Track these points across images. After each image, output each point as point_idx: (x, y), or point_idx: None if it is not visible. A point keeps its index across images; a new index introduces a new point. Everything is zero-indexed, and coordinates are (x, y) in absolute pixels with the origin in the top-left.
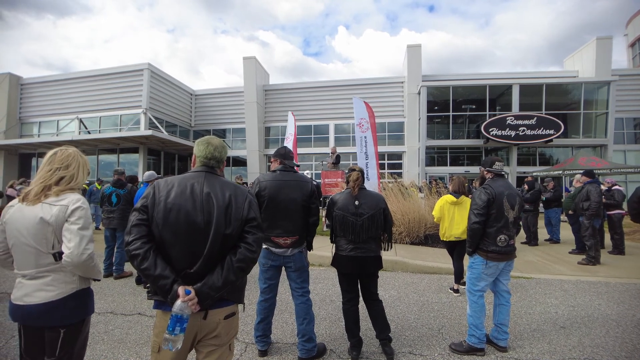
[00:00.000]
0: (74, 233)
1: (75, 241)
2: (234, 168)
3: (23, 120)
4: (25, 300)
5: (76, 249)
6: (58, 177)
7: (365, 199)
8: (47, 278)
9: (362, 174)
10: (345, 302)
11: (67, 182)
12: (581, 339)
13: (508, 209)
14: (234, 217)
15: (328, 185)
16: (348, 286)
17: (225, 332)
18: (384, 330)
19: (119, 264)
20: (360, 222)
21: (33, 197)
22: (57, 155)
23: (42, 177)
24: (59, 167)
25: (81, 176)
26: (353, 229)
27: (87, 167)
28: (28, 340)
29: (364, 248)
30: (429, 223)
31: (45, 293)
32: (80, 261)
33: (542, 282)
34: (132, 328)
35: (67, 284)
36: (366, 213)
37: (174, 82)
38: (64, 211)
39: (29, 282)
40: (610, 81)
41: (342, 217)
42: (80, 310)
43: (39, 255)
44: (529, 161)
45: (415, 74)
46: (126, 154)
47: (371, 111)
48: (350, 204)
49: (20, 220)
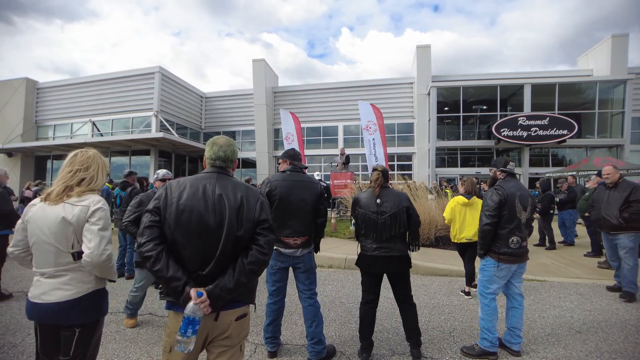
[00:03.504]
0: (95, 233)
1: (96, 241)
2: (243, 170)
3: (39, 124)
4: (43, 298)
5: (96, 249)
6: (79, 179)
7: (388, 197)
8: (65, 277)
9: (384, 173)
10: (364, 302)
11: (88, 183)
12: (598, 345)
13: (520, 210)
14: (245, 219)
15: (337, 187)
16: (370, 287)
17: (236, 333)
18: (415, 335)
19: (130, 264)
20: (382, 221)
21: (55, 196)
22: (77, 156)
23: (63, 178)
24: (80, 169)
25: (101, 178)
26: (375, 228)
27: (107, 169)
28: (44, 339)
29: (388, 247)
30: (439, 225)
31: (62, 292)
32: (99, 261)
33: (556, 285)
34: (143, 328)
35: (84, 284)
36: (388, 211)
37: (184, 85)
38: (85, 212)
39: (47, 280)
40: (627, 80)
41: (364, 215)
42: (95, 311)
43: (58, 254)
44: (542, 162)
45: (425, 75)
46: (138, 156)
47: (379, 113)
48: (372, 203)
49: (43, 219)
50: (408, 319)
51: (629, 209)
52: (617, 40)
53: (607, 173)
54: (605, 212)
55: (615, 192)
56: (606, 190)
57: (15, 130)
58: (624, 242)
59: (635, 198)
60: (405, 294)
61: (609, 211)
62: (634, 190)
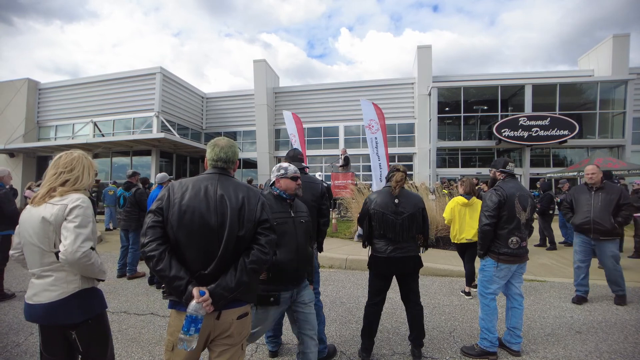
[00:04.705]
0: (70, 230)
1: (71, 238)
2: (244, 170)
3: (41, 124)
4: (34, 299)
5: (70, 247)
6: (63, 180)
7: (405, 198)
8: (50, 278)
9: (406, 174)
10: (371, 304)
11: (72, 183)
12: (598, 345)
13: (520, 211)
14: (246, 219)
15: (338, 188)
16: (379, 288)
17: (238, 332)
18: (419, 337)
19: (132, 264)
20: (400, 221)
21: (39, 199)
22: (61, 159)
23: (47, 181)
24: (63, 171)
25: (86, 178)
26: (393, 228)
27: (93, 169)
28: (45, 338)
29: (404, 248)
30: (440, 225)
31: (49, 293)
32: (74, 259)
33: (556, 285)
34: (145, 327)
35: (69, 284)
36: (406, 212)
37: (185, 85)
38: (63, 210)
39: (37, 281)
40: (628, 80)
41: (381, 215)
42: (83, 310)
43: (42, 254)
44: (543, 162)
45: (426, 75)
46: (139, 156)
47: (380, 112)
48: (390, 203)
49: (28, 220)
50: (414, 320)
51: (622, 213)
52: (618, 40)
53: (591, 173)
54: (595, 217)
55: (603, 194)
56: (589, 192)
57: (17, 131)
58: (611, 249)
59: (625, 202)
60: (414, 294)
61: (600, 216)
62: (622, 193)
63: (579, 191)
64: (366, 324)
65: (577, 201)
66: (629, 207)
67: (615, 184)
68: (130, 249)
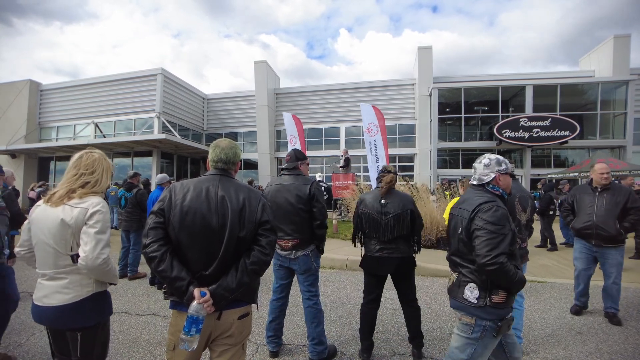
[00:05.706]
0: (91, 236)
1: (91, 245)
2: (245, 171)
3: (42, 125)
4: (44, 301)
5: (91, 253)
6: (83, 182)
7: (393, 198)
8: (64, 280)
9: (396, 175)
10: (365, 303)
11: (92, 186)
12: (598, 345)
13: (520, 212)
14: (247, 220)
15: (339, 188)
16: (371, 287)
17: (239, 332)
18: (417, 337)
19: (133, 265)
20: (385, 221)
21: (57, 199)
22: (82, 159)
23: (67, 181)
24: (84, 172)
25: (105, 180)
26: (378, 228)
27: (111, 171)
28: (55, 338)
29: (391, 248)
30: (441, 226)
31: (62, 296)
32: (94, 265)
33: (557, 286)
34: (146, 328)
35: (83, 287)
36: (392, 212)
37: (186, 86)
38: (84, 214)
39: (48, 283)
40: (629, 80)
41: (367, 215)
42: (97, 314)
43: (57, 256)
44: (544, 163)
45: (426, 76)
46: (140, 157)
47: (380, 114)
48: (376, 203)
49: (43, 220)
50: (410, 321)
51: (629, 218)
52: (619, 40)
53: (606, 172)
54: (598, 221)
55: (608, 196)
56: (593, 193)
57: (19, 132)
58: (615, 257)
59: (633, 205)
60: (409, 295)
61: (604, 220)
62: (631, 195)
63: (582, 191)
64: (362, 323)
65: (579, 203)
66: (638, 211)
67: (623, 186)
68: (131, 249)
